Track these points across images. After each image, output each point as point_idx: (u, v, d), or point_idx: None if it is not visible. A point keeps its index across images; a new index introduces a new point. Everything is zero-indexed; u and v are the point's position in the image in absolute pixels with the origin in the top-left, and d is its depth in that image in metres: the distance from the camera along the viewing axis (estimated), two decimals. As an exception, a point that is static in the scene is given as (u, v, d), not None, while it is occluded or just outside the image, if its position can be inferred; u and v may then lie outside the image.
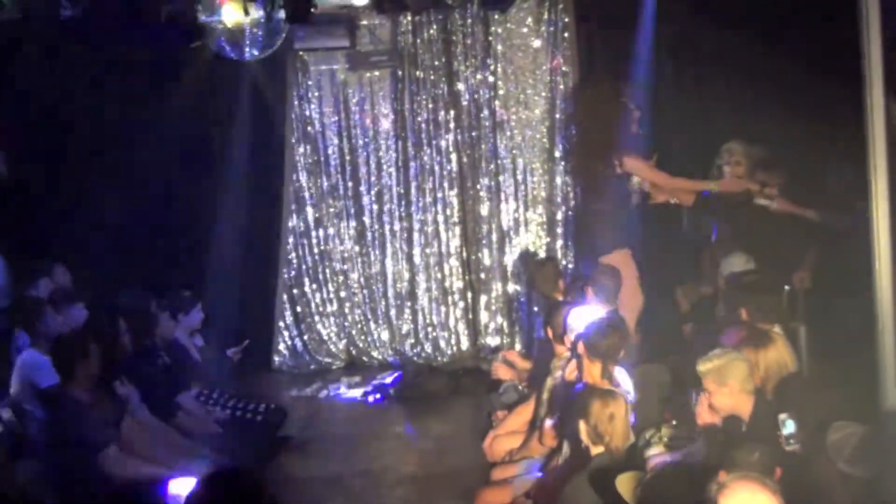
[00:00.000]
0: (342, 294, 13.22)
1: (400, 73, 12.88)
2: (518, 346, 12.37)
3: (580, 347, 7.77)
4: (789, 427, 6.53)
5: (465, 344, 13.11)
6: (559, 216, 12.78)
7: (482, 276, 13.09)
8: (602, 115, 10.61)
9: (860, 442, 6.01)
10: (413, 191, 13.04)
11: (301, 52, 12.73)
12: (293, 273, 13.18)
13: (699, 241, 10.97)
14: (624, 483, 6.13)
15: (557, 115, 12.70)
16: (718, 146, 10.56)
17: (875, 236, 6.97)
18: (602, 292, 9.22)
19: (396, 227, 13.13)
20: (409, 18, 12.74)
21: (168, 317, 10.23)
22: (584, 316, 8.22)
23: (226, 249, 12.74)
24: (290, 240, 13.15)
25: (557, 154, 12.66)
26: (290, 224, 13.13)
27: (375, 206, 13.13)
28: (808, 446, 6.41)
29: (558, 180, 12.74)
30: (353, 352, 13.24)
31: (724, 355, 6.89)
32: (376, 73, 12.94)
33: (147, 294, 10.29)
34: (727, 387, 6.78)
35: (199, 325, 10.80)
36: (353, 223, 13.16)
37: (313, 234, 13.16)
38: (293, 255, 13.16)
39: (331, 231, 13.18)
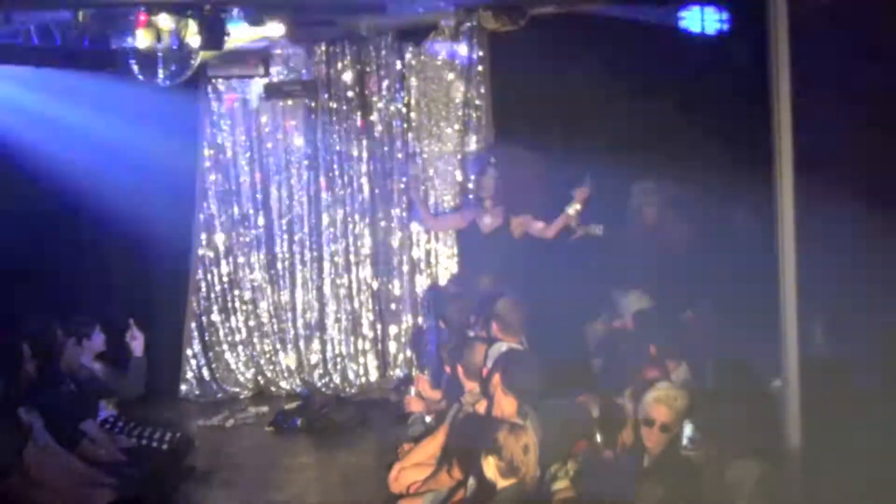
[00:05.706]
0: (251, 323, 13.14)
1: (313, 103, 12.86)
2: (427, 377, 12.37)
3: (495, 381, 7.80)
4: (688, 431, 6.64)
5: (373, 375, 13.09)
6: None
7: (392, 307, 13.09)
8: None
9: (758, 479, 6.08)
10: (324, 221, 13.01)
11: (214, 80, 12.67)
12: (202, 301, 13.08)
13: (608, 276, 11.04)
14: None
15: (469, 148, 12.77)
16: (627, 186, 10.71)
17: (781, 274, 7.07)
18: (508, 326, 9.26)
19: (307, 257, 13.08)
20: (324, 49, 12.75)
21: (74, 343, 10.08)
22: (498, 351, 8.28)
23: (133, 276, 12.65)
24: (200, 268, 13.05)
25: (470, 185, 12.68)
26: (199, 252, 13.02)
27: (286, 236, 13.07)
28: (710, 483, 6.48)
29: (469, 212, 12.77)
30: (261, 381, 13.15)
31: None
32: (289, 102, 12.91)
33: (53, 319, 10.13)
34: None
35: (103, 345, 10.59)
36: (263, 252, 13.09)
37: (223, 262, 13.07)
38: (202, 283, 13.07)
39: (241, 260, 13.09)
